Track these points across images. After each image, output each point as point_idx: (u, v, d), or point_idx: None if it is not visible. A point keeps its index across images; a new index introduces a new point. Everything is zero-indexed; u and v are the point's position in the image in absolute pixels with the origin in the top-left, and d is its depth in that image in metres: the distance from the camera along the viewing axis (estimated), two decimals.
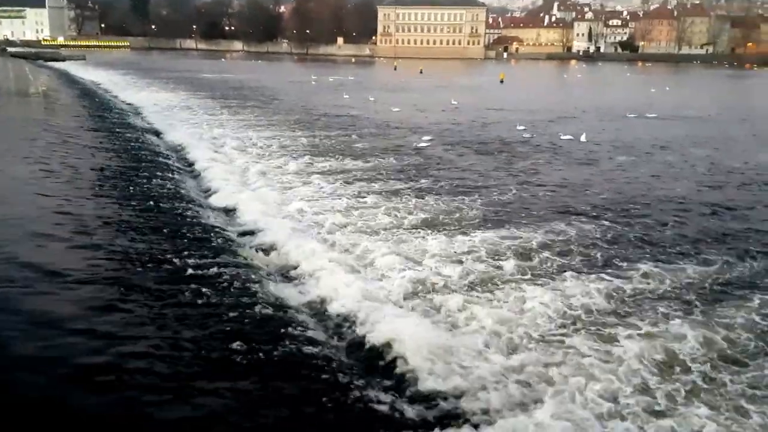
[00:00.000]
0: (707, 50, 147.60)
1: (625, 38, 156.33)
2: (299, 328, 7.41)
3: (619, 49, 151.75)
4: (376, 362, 7.02)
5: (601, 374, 6.73)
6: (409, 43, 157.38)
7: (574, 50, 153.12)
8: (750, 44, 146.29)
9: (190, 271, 8.60)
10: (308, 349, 6.95)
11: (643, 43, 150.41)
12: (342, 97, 41.55)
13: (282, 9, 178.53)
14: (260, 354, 6.67)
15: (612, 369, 6.84)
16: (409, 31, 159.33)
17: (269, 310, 7.70)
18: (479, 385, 6.45)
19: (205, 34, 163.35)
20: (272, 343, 6.91)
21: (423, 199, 13.97)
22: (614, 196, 15.02)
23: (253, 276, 8.81)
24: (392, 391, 6.41)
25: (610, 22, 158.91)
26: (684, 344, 7.44)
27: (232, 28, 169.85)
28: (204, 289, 8.01)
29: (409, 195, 14.32)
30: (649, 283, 9.34)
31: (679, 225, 12.63)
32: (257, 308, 7.67)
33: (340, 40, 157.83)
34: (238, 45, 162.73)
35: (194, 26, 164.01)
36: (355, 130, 25.67)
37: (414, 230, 11.57)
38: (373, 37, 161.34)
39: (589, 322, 8.04)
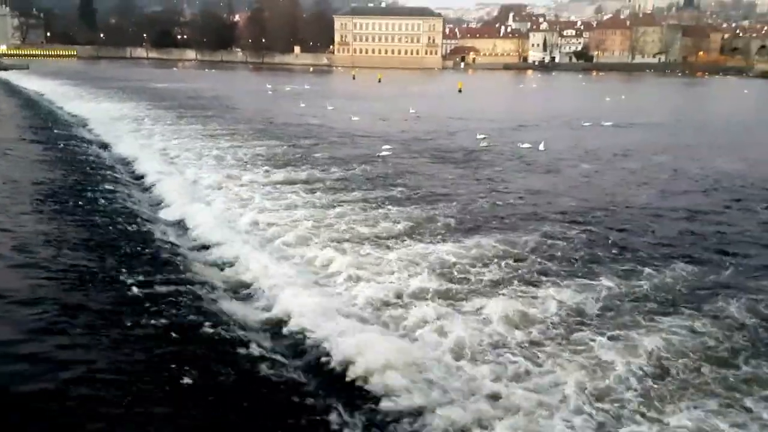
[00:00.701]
0: (660, 59, 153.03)
1: (579, 48, 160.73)
2: (255, 347, 7.14)
3: (574, 59, 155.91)
4: (338, 381, 6.81)
5: (576, 383, 6.70)
6: (367, 52, 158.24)
7: (530, 60, 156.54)
8: (701, 53, 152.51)
9: (137, 289, 8.24)
10: (264, 370, 6.70)
11: (597, 52, 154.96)
12: (299, 106, 41.29)
13: (236, 17, 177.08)
14: (212, 377, 6.40)
15: (589, 376, 6.85)
16: (367, 40, 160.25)
17: (222, 330, 7.40)
18: (446, 400, 6.33)
19: (156, 43, 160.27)
20: (225, 365, 6.63)
21: (385, 209, 13.84)
22: (581, 203, 15.22)
23: (205, 293, 8.50)
24: (356, 410, 6.22)
25: (565, 33, 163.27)
26: (657, 346, 7.51)
27: (185, 36, 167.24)
28: (152, 309, 7.68)
29: (371, 205, 14.16)
30: (621, 289, 9.44)
31: (649, 230, 12.89)
32: (210, 328, 7.36)
33: (297, 49, 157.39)
34: (190, 54, 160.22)
35: (145, 35, 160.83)
36: (315, 139, 25.48)
37: (377, 241, 11.40)
38: (331, 47, 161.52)
39: (559, 330, 8.04)
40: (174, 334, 7.16)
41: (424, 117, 35.79)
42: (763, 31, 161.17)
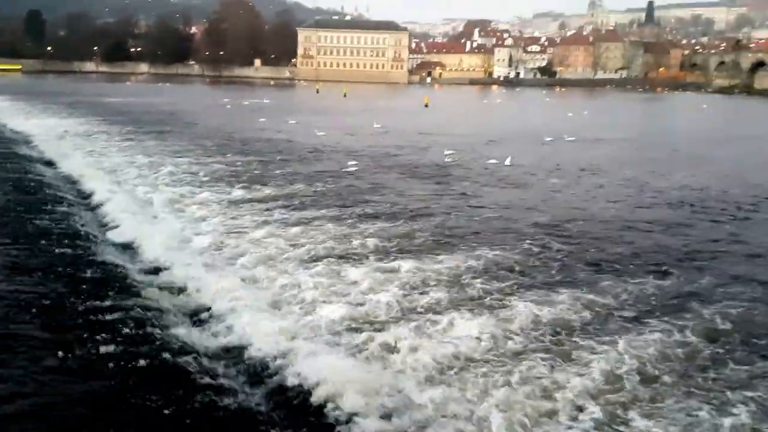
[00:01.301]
0: (621, 75, 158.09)
1: (543, 64, 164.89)
2: (212, 376, 6.92)
3: (539, 75, 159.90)
4: (302, 408, 6.63)
5: (548, 401, 6.70)
6: (331, 65, 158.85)
7: (495, 75, 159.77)
8: (661, 69, 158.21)
9: (82, 317, 7.93)
10: (223, 399, 6.49)
11: (560, 68, 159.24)
12: (259, 121, 40.94)
13: (193, 29, 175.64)
14: (165, 408, 6.15)
15: (558, 394, 6.83)
16: (332, 53, 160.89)
17: (177, 358, 7.13)
18: (417, 426, 6.23)
19: (107, 56, 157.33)
20: (179, 396, 6.40)
21: (351, 226, 13.67)
22: (550, 218, 15.35)
23: (158, 319, 8.19)
24: None
25: (529, 48, 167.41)
26: (629, 358, 7.62)
27: (138, 49, 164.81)
28: (99, 337, 7.38)
29: (335, 223, 13.96)
30: (596, 300, 9.58)
31: (621, 243, 13.20)
32: (163, 356, 7.09)
33: (257, 61, 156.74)
34: (144, 67, 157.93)
35: (95, 47, 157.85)
36: (277, 154, 25.23)
37: (342, 260, 11.21)
38: (293, 60, 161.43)
39: (534, 345, 8.05)
40: (123, 364, 6.87)
41: (392, 132, 35.92)
42: (721, 48, 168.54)
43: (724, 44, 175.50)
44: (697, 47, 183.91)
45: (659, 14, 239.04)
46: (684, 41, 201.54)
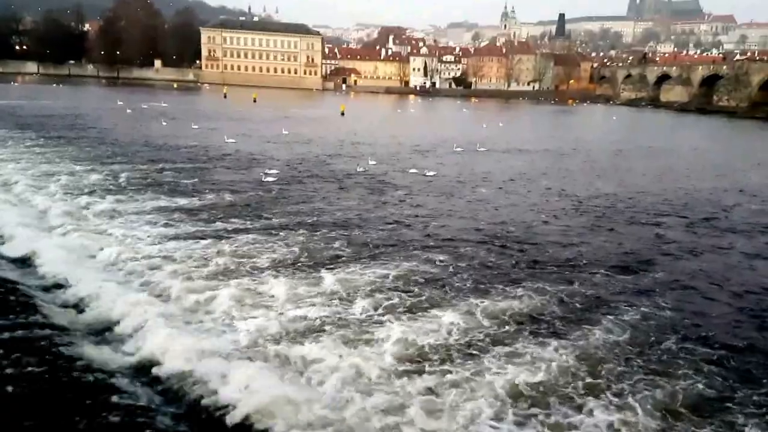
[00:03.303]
0: (534, 87, 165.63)
1: (458, 74, 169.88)
2: (122, 395, 6.84)
3: (453, 85, 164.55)
4: (218, 425, 6.67)
5: (466, 403, 7.15)
6: (239, 69, 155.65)
7: (411, 84, 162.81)
8: (572, 81, 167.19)
9: None
10: (135, 419, 6.43)
11: (475, 79, 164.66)
12: (163, 126, 39.78)
13: (87, 27, 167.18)
14: (77, 429, 6.00)
15: (478, 396, 7.31)
16: (239, 56, 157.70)
17: (82, 377, 7.00)
18: None
19: None
20: (88, 417, 6.27)
21: (268, 238, 13.65)
22: (474, 225, 16.18)
23: (60, 338, 7.96)
24: None
25: (444, 58, 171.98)
26: (556, 361, 8.27)
27: (24, 47, 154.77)
28: None
29: (251, 234, 13.91)
30: (521, 308, 10.26)
31: (550, 247, 14.25)
32: (67, 376, 6.96)
33: (158, 63, 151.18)
34: (32, 66, 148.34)
35: None
36: (186, 162, 24.65)
37: (258, 272, 11.27)
38: (198, 61, 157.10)
39: (464, 351, 8.54)
40: (22, 388, 6.65)
41: (309, 141, 35.91)
42: (629, 61, 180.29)
43: (631, 57, 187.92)
44: (606, 60, 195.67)
45: (570, 27, 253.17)
46: (593, 54, 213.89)
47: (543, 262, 13.01)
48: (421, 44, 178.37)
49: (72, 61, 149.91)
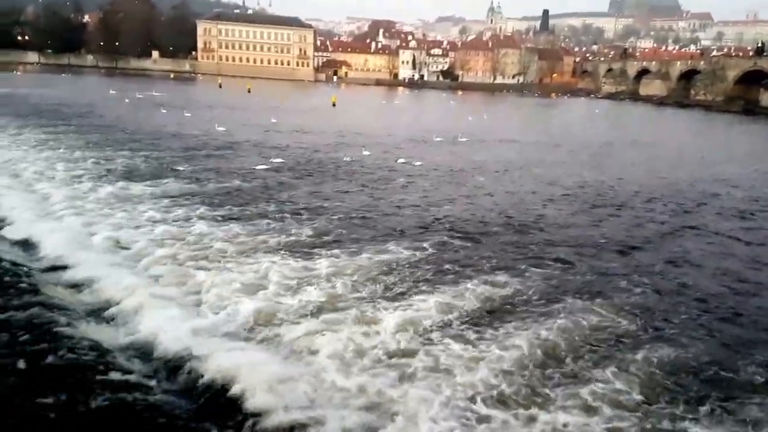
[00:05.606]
0: (518, 80, 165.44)
1: (446, 67, 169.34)
2: (121, 373, 6.82)
3: (441, 78, 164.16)
4: (215, 402, 6.68)
5: (450, 387, 7.10)
6: (234, 60, 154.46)
7: (400, 77, 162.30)
8: (555, 75, 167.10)
9: None
10: (134, 395, 6.44)
11: (462, 72, 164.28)
12: (161, 114, 39.43)
13: (86, 18, 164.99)
14: (76, 406, 6.01)
15: (459, 381, 7.26)
16: (234, 48, 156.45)
17: (84, 356, 6.97)
18: (327, 414, 6.44)
19: None
20: (89, 393, 6.27)
21: (262, 223, 13.60)
22: (470, 213, 16.09)
23: (61, 318, 7.90)
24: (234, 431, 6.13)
25: (432, 51, 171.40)
26: (539, 346, 8.23)
27: (26, 37, 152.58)
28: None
29: (245, 219, 13.84)
30: (515, 287, 10.36)
31: (540, 234, 14.29)
32: (69, 354, 6.91)
33: (155, 53, 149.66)
34: (33, 56, 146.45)
35: None
36: (183, 150, 24.43)
37: (252, 257, 11.21)
38: (194, 53, 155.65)
39: (451, 331, 8.55)
40: (28, 363, 6.63)
41: (303, 131, 35.70)
42: (610, 56, 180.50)
43: (613, 52, 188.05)
44: (588, 54, 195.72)
45: (554, 22, 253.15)
46: (576, 49, 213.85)
47: (529, 246, 13.06)
48: (410, 38, 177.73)
49: (72, 52, 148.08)
